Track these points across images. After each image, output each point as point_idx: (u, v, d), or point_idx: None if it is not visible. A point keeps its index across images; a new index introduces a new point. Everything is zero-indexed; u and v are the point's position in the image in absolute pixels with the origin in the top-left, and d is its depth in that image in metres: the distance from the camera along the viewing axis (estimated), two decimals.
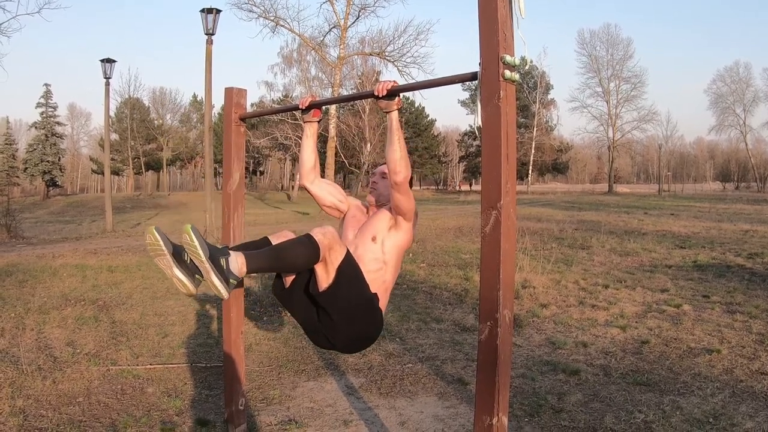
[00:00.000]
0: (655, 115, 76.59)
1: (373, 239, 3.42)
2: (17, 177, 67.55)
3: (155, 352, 6.42)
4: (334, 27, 36.07)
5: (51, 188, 66.75)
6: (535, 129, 71.60)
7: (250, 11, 33.69)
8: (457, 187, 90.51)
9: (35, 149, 65.84)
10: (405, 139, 3.37)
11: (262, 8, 33.89)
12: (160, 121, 76.42)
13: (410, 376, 5.71)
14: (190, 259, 2.77)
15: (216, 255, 2.75)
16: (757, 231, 18.26)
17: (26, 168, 66.11)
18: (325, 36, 36.76)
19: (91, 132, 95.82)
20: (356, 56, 40.45)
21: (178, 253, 2.80)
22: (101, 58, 22.20)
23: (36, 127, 67.38)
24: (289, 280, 3.33)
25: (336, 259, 3.08)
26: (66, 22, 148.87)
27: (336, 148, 38.46)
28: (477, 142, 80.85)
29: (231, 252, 2.84)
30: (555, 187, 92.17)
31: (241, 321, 4.40)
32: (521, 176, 71.15)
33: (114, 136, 67.91)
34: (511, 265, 2.56)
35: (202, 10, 17.83)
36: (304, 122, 3.82)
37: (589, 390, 5.24)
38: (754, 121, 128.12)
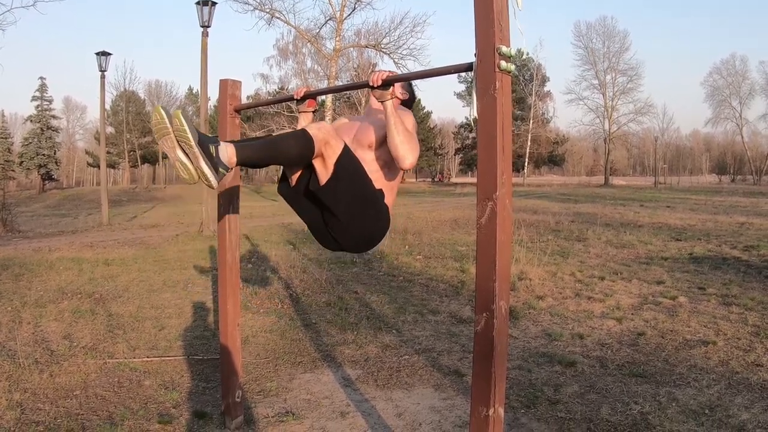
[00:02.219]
0: (652, 108, 76.63)
1: (370, 146, 3.36)
2: (13, 171, 67.53)
3: (152, 345, 6.42)
4: (329, 19, 36.00)
5: (47, 182, 66.72)
6: (531, 121, 71.52)
7: (246, 3, 33.56)
8: (441, 178, 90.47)
9: (31, 143, 65.83)
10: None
11: (258, 0, 33.79)
12: None
13: (407, 368, 5.71)
14: (178, 137, 2.70)
15: (206, 141, 2.68)
16: (753, 223, 18.28)
17: (22, 161, 66.08)
18: (320, 28, 36.70)
19: (87, 125, 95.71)
20: (352, 48, 40.34)
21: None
22: (96, 51, 22.14)
23: (31, 121, 67.31)
24: (294, 178, 3.26)
25: (333, 152, 3.01)
26: (61, 15, 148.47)
27: None
28: (473, 135, 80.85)
29: (221, 141, 2.78)
30: (551, 179, 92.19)
31: (237, 313, 4.40)
32: (517, 168, 71.08)
33: (110, 129, 67.79)
34: (507, 256, 2.56)
35: (198, 2, 17.74)
36: (299, 113, 3.81)
37: (586, 381, 5.25)
38: (750, 113, 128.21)
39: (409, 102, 3.82)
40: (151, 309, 7.94)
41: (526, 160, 71.60)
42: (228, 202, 4.32)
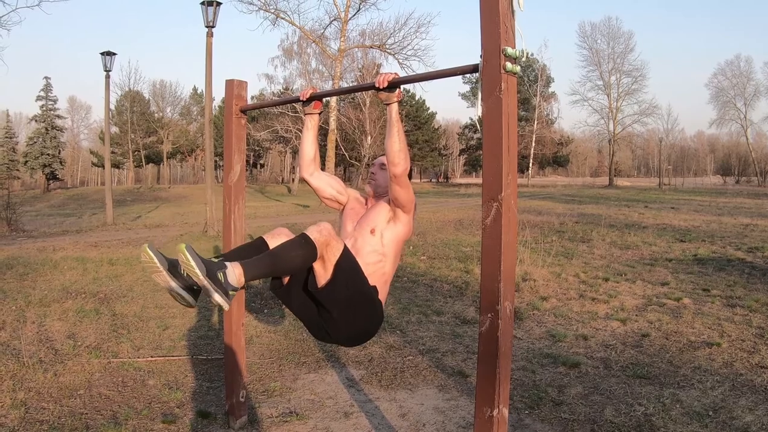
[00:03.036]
0: (656, 109, 76.58)
1: (372, 232, 3.41)
2: (17, 170, 67.53)
3: (156, 345, 6.44)
4: (334, 19, 35.99)
5: (51, 181, 66.74)
6: (535, 122, 71.52)
7: (251, 3, 33.58)
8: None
9: (35, 142, 65.84)
10: (405, 131, 3.37)
11: (262, 1, 33.81)
12: (161, 114, 76.32)
13: (411, 369, 5.72)
14: (186, 273, 2.76)
15: (213, 270, 2.73)
16: (758, 225, 18.26)
17: (26, 161, 66.11)
18: (325, 28, 36.70)
19: (92, 125, 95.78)
20: (357, 49, 40.35)
21: (173, 267, 2.79)
22: (101, 51, 22.17)
23: (36, 120, 67.33)
24: (286, 277, 3.32)
25: (333, 255, 3.06)
26: (66, 15, 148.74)
27: (336, 140, 38.45)
28: (477, 135, 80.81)
29: (227, 264, 2.82)
30: (555, 180, 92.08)
31: (241, 313, 4.41)
32: (521, 169, 71.08)
33: (114, 129, 67.84)
34: (512, 257, 2.57)
35: (203, 3, 17.76)
36: (305, 114, 3.82)
37: (590, 383, 5.25)
38: (755, 115, 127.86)
39: None
40: (156, 309, 7.95)
41: (531, 160, 71.61)
42: (233, 202, 4.32)
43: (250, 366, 5.65)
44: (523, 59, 2.57)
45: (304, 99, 3.72)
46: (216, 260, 2.83)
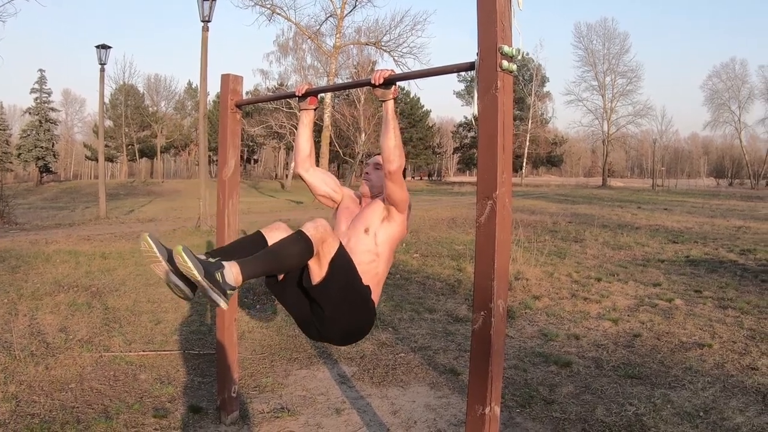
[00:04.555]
0: (650, 110, 76.84)
1: (366, 231, 3.40)
2: (10, 163, 67.39)
3: (148, 339, 6.43)
4: (330, 16, 36.02)
5: (44, 174, 66.62)
6: (530, 121, 71.52)
7: None
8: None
9: (29, 135, 65.68)
10: (400, 129, 3.36)
11: None
12: (155, 108, 76.25)
13: (402, 366, 5.72)
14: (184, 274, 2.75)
15: (211, 270, 2.72)
16: (750, 227, 18.32)
17: (20, 154, 65.94)
18: (321, 25, 36.72)
19: (86, 118, 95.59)
20: (352, 45, 40.34)
21: (173, 258, 2.79)
22: (97, 44, 22.10)
23: (30, 113, 67.16)
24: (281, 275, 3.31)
25: (329, 252, 3.06)
26: (61, 8, 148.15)
27: (331, 137, 38.45)
28: (471, 134, 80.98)
29: (225, 264, 2.81)
30: (549, 179, 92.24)
31: (234, 309, 4.41)
32: (515, 169, 71.05)
33: (108, 123, 67.71)
34: (506, 255, 2.57)
35: None
36: (300, 110, 3.80)
37: (581, 382, 5.26)
38: (749, 117, 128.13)
39: None
40: (148, 303, 7.94)
41: (525, 160, 71.64)
42: (227, 197, 4.32)
43: (242, 361, 5.65)
44: (519, 58, 2.57)
45: (300, 94, 3.70)
46: (213, 260, 2.82)
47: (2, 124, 67.91)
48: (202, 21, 17.83)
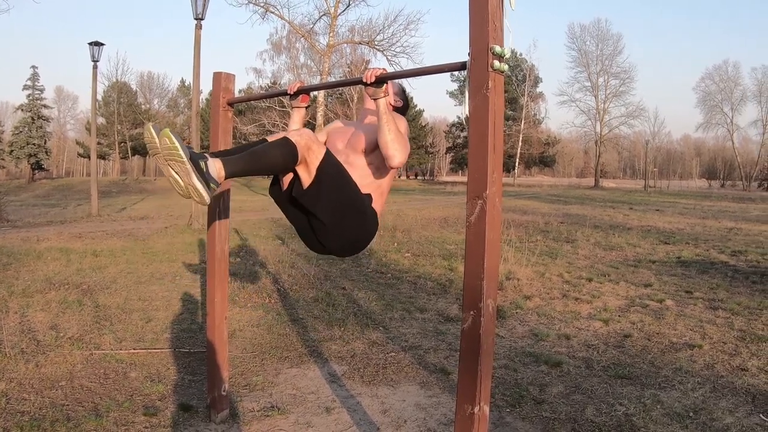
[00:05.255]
0: (643, 111, 77.11)
1: (362, 151, 3.39)
2: (2, 159, 67.27)
3: (138, 337, 6.41)
4: (324, 14, 35.94)
5: (36, 171, 66.47)
6: (522, 122, 71.65)
7: None
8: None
9: (21, 132, 65.55)
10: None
11: None
12: (148, 106, 76.07)
13: (393, 365, 5.72)
14: (167, 157, 2.70)
15: (196, 158, 2.70)
16: (741, 228, 18.38)
17: (12, 150, 65.76)
18: (314, 23, 36.64)
19: (78, 115, 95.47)
20: (345, 44, 40.32)
21: (196, 159, 2.74)
22: (89, 41, 22.04)
23: (22, 110, 66.99)
24: (285, 182, 3.27)
25: (316, 158, 3.04)
26: (54, 4, 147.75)
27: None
28: (464, 133, 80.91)
29: (208, 156, 2.80)
30: (541, 180, 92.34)
31: (225, 307, 4.40)
32: (508, 169, 71.24)
33: (101, 120, 67.51)
34: (496, 255, 2.57)
35: None
36: (292, 108, 3.80)
37: (571, 382, 5.27)
38: (742, 119, 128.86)
39: (403, 109, 3.83)
40: (139, 301, 7.93)
41: (517, 160, 71.75)
42: (218, 195, 4.31)
43: (233, 360, 5.65)
44: (511, 58, 2.57)
45: (292, 92, 3.70)
46: (198, 152, 2.81)
47: None
48: (196, 19, 17.79)
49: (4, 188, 25.17)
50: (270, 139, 3.21)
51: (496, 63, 2.47)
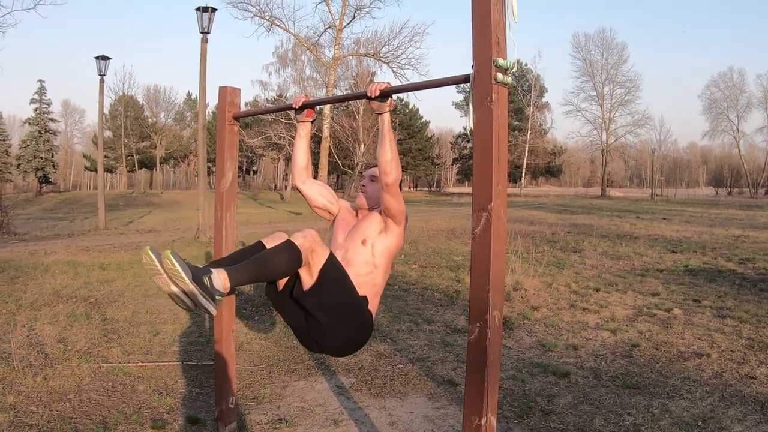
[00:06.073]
0: (649, 120, 77.07)
1: (363, 242, 3.41)
2: (10, 173, 67.45)
3: (146, 350, 6.43)
4: (329, 27, 36.21)
5: (44, 185, 66.64)
6: (528, 132, 71.70)
7: (246, 10, 33.85)
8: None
9: (28, 145, 65.74)
10: (398, 140, 3.38)
11: (258, 7, 34.03)
12: (154, 119, 76.31)
13: (401, 377, 5.72)
14: (172, 278, 2.77)
15: (198, 275, 2.75)
16: (749, 236, 18.32)
17: (19, 164, 65.99)
18: (320, 36, 36.93)
19: (85, 129, 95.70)
20: (351, 57, 40.50)
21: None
22: (96, 55, 22.17)
23: (29, 123, 67.22)
24: (282, 282, 3.32)
25: (319, 261, 3.08)
26: (61, 19, 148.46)
27: (330, 148, 38.53)
28: (470, 145, 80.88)
29: (212, 269, 2.84)
30: (548, 190, 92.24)
31: (232, 320, 4.41)
32: (514, 179, 71.25)
33: (108, 134, 67.81)
34: (501, 267, 2.58)
35: (198, 9, 17.79)
36: (298, 122, 3.82)
37: (579, 392, 5.26)
38: (747, 126, 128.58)
39: None
40: (146, 314, 7.94)
41: (524, 170, 71.74)
42: (225, 208, 4.33)
43: (240, 373, 5.65)
44: (515, 70, 2.58)
45: (297, 107, 3.72)
46: (201, 266, 2.85)
47: (2, 134, 68.00)
48: (201, 33, 17.89)
49: (12, 202, 25.18)
50: (268, 240, 3.29)
51: (500, 75, 2.49)
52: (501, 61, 2.49)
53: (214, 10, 17.95)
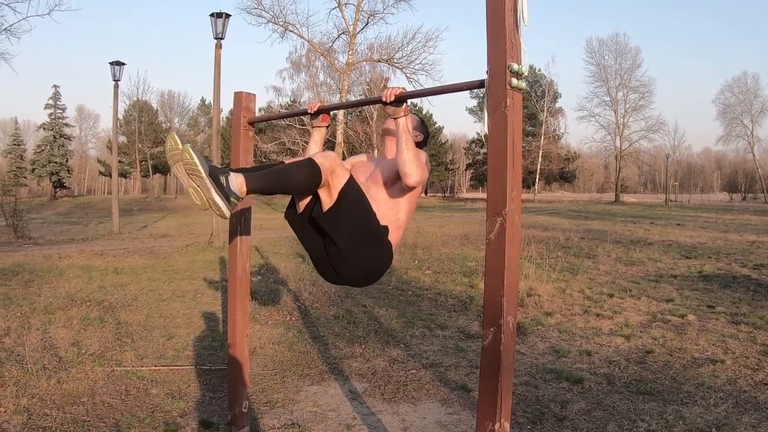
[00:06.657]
0: (663, 125, 76.59)
1: (384, 184, 3.38)
2: (25, 177, 67.87)
3: (160, 354, 6.45)
4: (342, 33, 36.17)
5: (58, 189, 67.01)
6: (542, 137, 71.60)
7: (260, 16, 33.86)
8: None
9: (43, 150, 66.14)
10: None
11: (272, 13, 34.04)
12: (168, 124, 76.56)
13: (414, 382, 5.72)
14: (187, 171, 2.72)
15: (216, 172, 2.72)
16: (764, 242, 18.23)
17: (34, 169, 66.40)
18: (333, 42, 36.87)
19: (99, 134, 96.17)
20: (365, 62, 40.49)
21: (215, 173, 2.77)
22: (110, 61, 22.29)
23: (44, 128, 67.65)
24: (302, 205, 3.28)
25: (338, 182, 3.05)
26: (76, 25, 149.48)
27: (343, 153, 38.53)
28: (484, 150, 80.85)
29: (231, 171, 2.82)
30: (562, 195, 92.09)
31: (246, 324, 4.41)
32: (528, 185, 71.17)
33: (122, 139, 68.04)
34: (515, 272, 2.57)
35: (212, 15, 17.87)
36: (313, 127, 3.82)
37: (593, 398, 5.24)
38: (762, 131, 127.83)
39: (423, 143, 3.78)
40: (160, 318, 7.97)
41: (537, 176, 71.63)
42: (239, 213, 4.33)
43: (254, 377, 5.66)
44: (528, 75, 2.58)
45: (312, 112, 3.72)
46: (221, 167, 2.83)
47: (17, 139, 68.50)
48: (215, 38, 17.97)
49: (26, 206, 25.35)
50: (289, 161, 3.23)
51: (514, 81, 2.48)
52: (515, 66, 2.48)
53: (228, 16, 18.01)
